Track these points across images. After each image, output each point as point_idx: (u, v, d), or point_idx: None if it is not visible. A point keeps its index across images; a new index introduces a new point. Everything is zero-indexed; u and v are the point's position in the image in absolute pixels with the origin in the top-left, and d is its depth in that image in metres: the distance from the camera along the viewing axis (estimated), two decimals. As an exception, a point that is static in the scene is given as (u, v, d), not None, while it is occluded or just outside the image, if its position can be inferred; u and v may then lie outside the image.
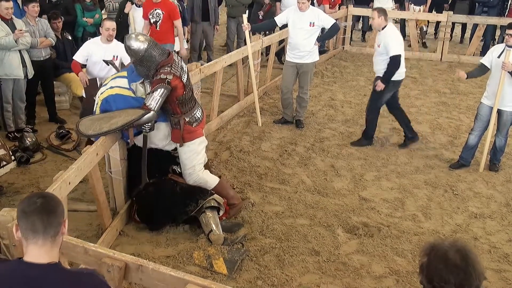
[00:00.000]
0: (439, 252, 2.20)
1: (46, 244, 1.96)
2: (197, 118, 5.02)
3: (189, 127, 4.94)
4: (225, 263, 4.35)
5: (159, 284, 2.91)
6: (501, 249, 4.79)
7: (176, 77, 4.67)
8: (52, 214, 1.98)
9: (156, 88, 4.58)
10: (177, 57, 4.88)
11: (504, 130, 6.14)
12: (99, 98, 4.90)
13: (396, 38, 6.51)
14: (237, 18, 10.04)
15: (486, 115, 6.12)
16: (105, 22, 6.27)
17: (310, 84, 7.54)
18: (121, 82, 4.91)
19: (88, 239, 4.25)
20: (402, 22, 13.52)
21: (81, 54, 6.28)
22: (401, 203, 5.55)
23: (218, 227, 4.72)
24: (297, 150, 6.72)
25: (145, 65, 4.70)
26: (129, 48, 4.67)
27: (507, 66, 5.75)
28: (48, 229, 1.95)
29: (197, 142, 5.04)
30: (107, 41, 6.20)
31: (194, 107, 5.00)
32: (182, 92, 4.78)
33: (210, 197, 4.85)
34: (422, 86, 9.71)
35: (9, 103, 6.66)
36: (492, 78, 6.06)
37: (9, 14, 6.43)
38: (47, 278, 1.93)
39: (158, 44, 4.89)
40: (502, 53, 5.90)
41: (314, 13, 7.05)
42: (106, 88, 4.90)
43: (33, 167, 6.11)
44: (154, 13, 7.85)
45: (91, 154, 4.21)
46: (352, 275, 4.35)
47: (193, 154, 5.03)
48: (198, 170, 5.08)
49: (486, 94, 6.15)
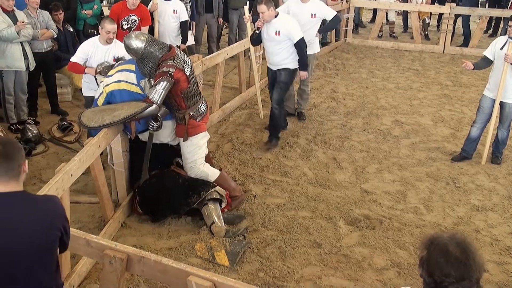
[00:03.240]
0: (439, 245, 2.21)
1: (10, 183, 2.31)
2: (202, 112, 5.03)
3: (193, 122, 4.96)
4: (227, 255, 4.37)
5: (161, 276, 2.93)
6: (503, 242, 4.80)
7: (178, 70, 4.67)
8: (11, 160, 2.30)
9: (159, 81, 4.59)
10: (179, 51, 4.87)
11: (507, 122, 6.12)
12: (104, 89, 4.88)
13: (294, 22, 6.28)
14: (239, 10, 10.00)
15: (488, 108, 6.11)
16: (106, 25, 5.64)
17: (311, 76, 7.52)
18: (128, 76, 4.88)
19: (90, 231, 4.27)
20: (405, 14, 13.49)
21: (79, 57, 5.74)
22: (403, 195, 5.55)
23: (220, 219, 4.73)
24: (299, 142, 6.71)
25: (146, 62, 4.74)
26: (129, 48, 4.73)
27: (510, 57, 5.73)
28: (10, 172, 2.30)
29: (199, 137, 5.05)
30: (106, 43, 5.71)
31: (199, 101, 5.01)
32: (186, 85, 4.78)
33: (213, 189, 4.86)
34: (424, 78, 9.68)
35: (11, 95, 6.66)
36: (495, 70, 6.05)
37: (11, 6, 6.41)
38: (6, 201, 2.31)
39: (157, 40, 4.91)
40: (505, 45, 5.87)
41: (315, 5, 7.02)
42: (113, 80, 4.87)
43: (35, 159, 6.12)
44: (129, 20, 7.45)
45: (93, 146, 4.22)
46: (354, 267, 4.37)
47: (195, 148, 5.04)
48: (199, 164, 5.10)
49: (488, 86, 6.14)
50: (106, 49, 5.73)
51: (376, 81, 9.38)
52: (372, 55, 11.27)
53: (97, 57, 5.70)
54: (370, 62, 10.65)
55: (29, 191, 4.80)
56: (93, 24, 8.60)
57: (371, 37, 12.25)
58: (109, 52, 5.73)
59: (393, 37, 12.78)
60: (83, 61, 5.74)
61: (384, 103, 8.28)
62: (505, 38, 5.97)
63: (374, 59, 10.91)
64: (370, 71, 10.01)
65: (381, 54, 11.37)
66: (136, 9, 7.39)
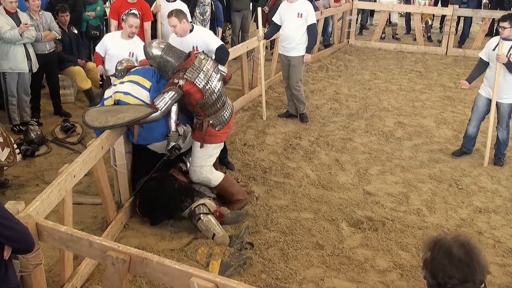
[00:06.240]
0: (443, 247, 2.20)
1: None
2: (224, 120, 4.99)
3: (211, 130, 4.95)
4: (220, 265, 4.31)
5: (164, 277, 2.92)
6: (506, 244, 4.78)
7: (188, 82, 4.65)
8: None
9: (168, 90, 4.63)
10: (199, 59, 4.80)
11: (504, 122, 6.19)
12: (114, 95, 4.86)
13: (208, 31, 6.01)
14: (242, 12, 10.02)
15: (482, 106, 6.23)
16: (129, 19, 5.97)
17: (301, 77, 7.40)
18: (139, 92, 4.84)
19: (93, 232, 4.27)
20: (408, 16, 13.49)
21: (100, 46, 6.23)
22: (405, 197, 5.54)
23: (220, 227, 4.67)
24: (301, 144, 6.71)
25: (163, 70, 4.81)
26: (147, 55, 4.82)
27: (502, 57, 5.83)
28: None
29: (213, 146, 5.06)
30: (127, 37, 5.98)
31: (222, 109, 4.96)
32: (201, 96, 4.75)
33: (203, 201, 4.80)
34: (427, 80, 9.67)
35: (14, 97, 6.67)
36: (490, 70, 6.15)
37: (14, 8, 6.44)
38: None
39: (175, 48, 4.91)
40: (497, 46, 5.96)
41: (303, 5, 7.06)
42: (123, 90, 4.84)
43: (38, 160, 6.14)
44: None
45: (96, 147, 4.22)
46: (356, 269, 4.36)
47: (205, 155, 5.05)
48: (204, 170, 5.09)
49: (483, 85, 6.26)
50: (125, 44, 5.92)
51: (378, 83, 9.38)
52: (374, 56, 11.27)
53: (114, 50, 5.93)
54: (372, 64, 10.64)
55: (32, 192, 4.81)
56: (95, 25, 8.63)
57: (374, 38, 12.25)
58: (127, 47, 5.91)
59: (396, 39, 12.78)
60: (103, 51, 6.18)
61: (387, 104, 8.27)
62: (497, 39, 6.07)
63: (377, 61, 10.91)
64: (372, 72, 10.00)
65: (384, 55, 11.37)
66: (136, 2, 7.40)
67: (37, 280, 3.32)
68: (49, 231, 3.17)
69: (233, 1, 9.95)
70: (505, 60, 5.83)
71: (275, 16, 7.32)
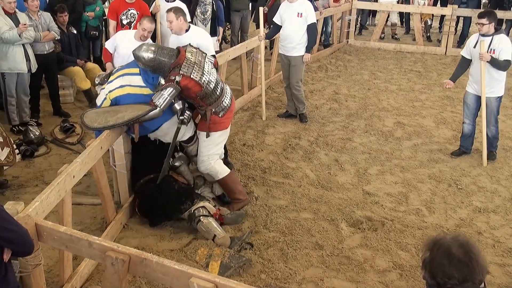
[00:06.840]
0: (442, 247, 2.20)
1: None
2: (225, 106, 5.04)
3: (215, 118, 5.00)
4: (219, 266, 4.31)
5: (163, 278, 2.92)
6: (505, 244, 4.78)
7: (185, 77, 4.69)
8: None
9: (166, 87, 4.66)
10: (190, 53, 4.84)
11: (492, 118, 6.22)
12: (108, 95, 4.85)
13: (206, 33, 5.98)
14: (241, 12, 10.01)
15: (472, 103, 6.27)
16: (145, 22, 5.80)
17: (301, 78, 7.42)
18: (132, 79, 4.88)
19: (92, 233, 4.27)
20: (407, 16, 13.48)
21: (111, 42, 6.17)
22: (405, 197, 5.55)
23: (221, 229, 4.67)
24: (301, 144, 6.71)
25: (158, 71, 4.82)
26: (139, 59, 4.79)
27: (485, 56, 5.87)
28: None
29: (218, 134, 5.10)
30: (139, 39, 5.82)
31: (221, 97, 5.01)
32: (199, 89, 4.80)
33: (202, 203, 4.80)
34: (426, 80, 9.67)
35: (13, 97, 6.67)
36: (473, 66, 6.20)
37: (12, 8, 6.43)
38: None
39: (165, 47, 4.96)
40: (477, 43, 6.01)
41: (303, 5, 7.08)
42: (116, 86, 4.85)
43: (37, 160, 6.13)
44: (128, 14, 7.36)
45: (96, 147, 4.22)
46: (356, 269, 4.36)
47: (211, 144, 5.09)
48: (211, 159, 5.13)
49: (469, 82, 6.29)
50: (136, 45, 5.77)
51: (378, 83, 9.38)
52: (374, 56, 11.26)
53: (124, 49, 5.83)
54: (372, 64, 10.64)
55: (31, 192, 4.81)
56: (95, 25, 8.62)
57: (373, 38, 12.24)
58: None
59: (395, 39, 12.78)
60: (113, 48, 6.10)
61: (386, 104, 8.27)
62: (477, 36, 6.12)
63: (376, 61, 10.91)
64: (372, 72, 10.00)
65: (383, 55, 11.36)
66: (135, 2, 7.34)
67: (37, 280, 3.32)
68: (49, 232, 3.17)
69: (232, 1, 9.95)
70: (488, 58, 5.86)
71: (276, 16, 7.33)
